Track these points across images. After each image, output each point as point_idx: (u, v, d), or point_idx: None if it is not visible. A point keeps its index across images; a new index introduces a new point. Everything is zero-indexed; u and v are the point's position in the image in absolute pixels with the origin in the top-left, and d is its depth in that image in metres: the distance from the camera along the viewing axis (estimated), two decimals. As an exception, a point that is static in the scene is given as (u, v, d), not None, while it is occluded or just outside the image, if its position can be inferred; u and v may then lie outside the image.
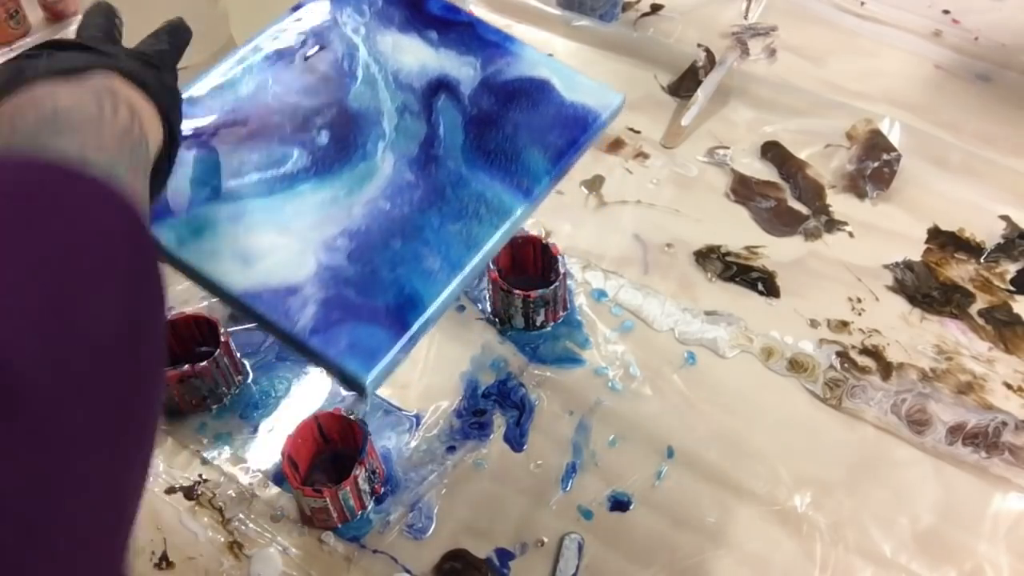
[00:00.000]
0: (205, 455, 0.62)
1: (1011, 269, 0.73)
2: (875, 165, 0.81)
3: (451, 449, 0.62)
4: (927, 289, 0.72)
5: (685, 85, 0.89)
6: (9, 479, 0.23)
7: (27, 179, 0.30)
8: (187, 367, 0.62)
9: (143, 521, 0.59)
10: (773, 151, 0.83)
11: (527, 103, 0.53)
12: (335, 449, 0.61)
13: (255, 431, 0.64)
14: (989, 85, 0.90)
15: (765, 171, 0.81)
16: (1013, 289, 0.72)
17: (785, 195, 0.79)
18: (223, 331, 0.64)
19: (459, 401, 0.65)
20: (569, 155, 0.51)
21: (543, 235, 0.74)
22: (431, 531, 0.59)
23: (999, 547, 0.57)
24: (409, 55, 0.55)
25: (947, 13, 0.98)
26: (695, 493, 0.60)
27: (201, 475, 0.62)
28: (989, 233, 0.76)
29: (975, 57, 0.92)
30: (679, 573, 0.57)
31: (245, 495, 0.60)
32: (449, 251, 0.45)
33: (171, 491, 0.61)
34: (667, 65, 0.91)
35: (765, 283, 0.72)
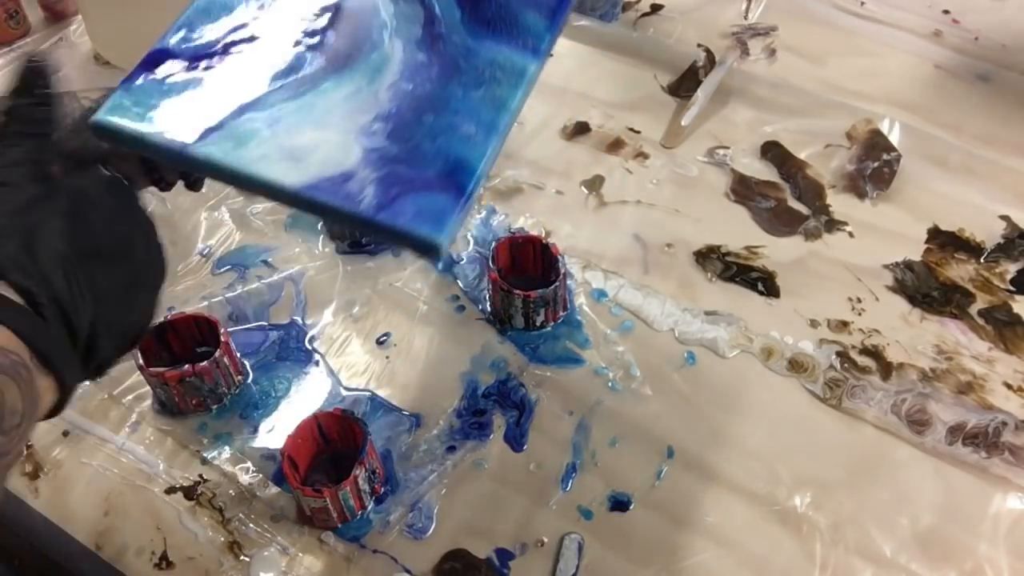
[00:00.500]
0: (205, 455, 0.62)
1: (1011, 269, 0.73)
2: (875, 165, 0.81)
3: (451, 449, 0.62)
4: (927, 289, 0.72)
5: (685, 85, 0.89)
6: None
7: None
8: (187, 367, 0.62)
9: (143, 521, 0.59)
10: (773, 151, 0.83)
11: None
12: (335, 449, 0.61)
13: (255, 431, 0.64)
14: (989, 85, 0.90)
15: (765, 171, 0.81)
16: (1013, 289, 0.72)
17: (785, 195, 0.79)
18: (223, 331, 0.64)
19: (459, 401, 0.65)
20: (562, 11, 0.52)
21: (543, 235, 0.74)
22: (431, 531, 0.59)
23: (999, 547, 0.57)
24: None
25: (947, 13, 0.98)
26: (695, 493, 0.60)
27: (201, 475, 0.62)
28: (989, 233, 0.76)
29: (975, 57, 0.92)
30: (679, 573, 0.57)
31: (245, 495, 0.60)
32: (480, 116, 0.47)
33: (171, 491, 0.61)
34: (667, 65, 0.91)
35: (765, 283, 0.72)
